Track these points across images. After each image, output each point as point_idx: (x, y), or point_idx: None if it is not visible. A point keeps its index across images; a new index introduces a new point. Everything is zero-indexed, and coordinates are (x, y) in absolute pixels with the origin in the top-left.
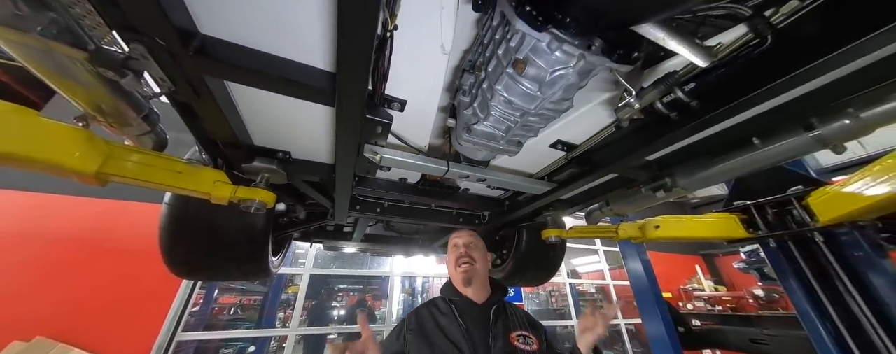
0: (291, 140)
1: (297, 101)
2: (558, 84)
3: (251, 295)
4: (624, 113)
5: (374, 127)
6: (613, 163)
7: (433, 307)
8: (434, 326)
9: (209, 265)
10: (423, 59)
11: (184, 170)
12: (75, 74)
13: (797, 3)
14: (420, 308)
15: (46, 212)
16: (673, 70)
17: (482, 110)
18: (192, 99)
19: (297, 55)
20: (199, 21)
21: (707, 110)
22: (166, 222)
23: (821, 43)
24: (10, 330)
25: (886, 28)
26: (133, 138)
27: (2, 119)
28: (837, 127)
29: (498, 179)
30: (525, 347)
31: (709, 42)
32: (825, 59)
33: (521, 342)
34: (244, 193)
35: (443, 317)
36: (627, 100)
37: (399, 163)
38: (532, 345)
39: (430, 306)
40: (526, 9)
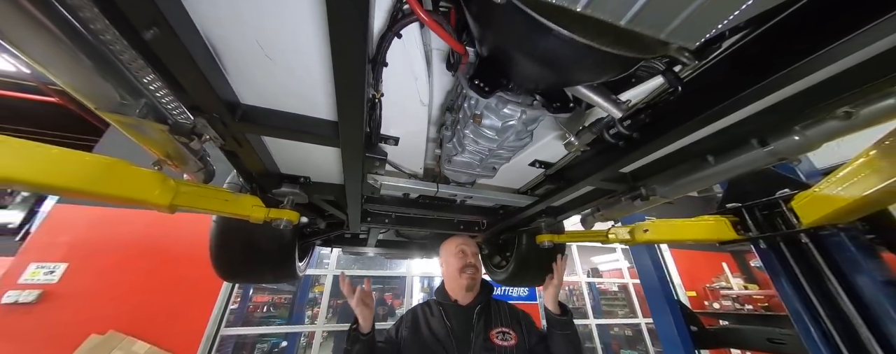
0: (310, 167)
1: (326, 150)
2: (510, 131)
3: (281, 294)
4: (570, 148)
5: (373, 161)
6: (582, 179)
7: (426, 308)
8: (425, 325)
9: (248, 270)
10: (408, 109)
11: (230, 199)
12: (155, 135)
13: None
14: (416, 308)
15: (109, 223)
16: (600, 115)
17: (459, 145)
18: (237, 148)
19: (311, 112)
20: (240, 95)
21: (645, 140)
22: (214, 235)
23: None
24: (89, 325)
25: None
26: (191, 173)
27: (106, 169)
28: (788, 142)
29: (483, 196)
30: (503, 343)
31: (634, 90)
32: (732, 100)
33: (500, 338)
34: (275, 214)
35: (433, 318)
36: (569, 138)
37: (397, 188)
38: (510, 340)
39: (424, 307)
40: (475, 82)
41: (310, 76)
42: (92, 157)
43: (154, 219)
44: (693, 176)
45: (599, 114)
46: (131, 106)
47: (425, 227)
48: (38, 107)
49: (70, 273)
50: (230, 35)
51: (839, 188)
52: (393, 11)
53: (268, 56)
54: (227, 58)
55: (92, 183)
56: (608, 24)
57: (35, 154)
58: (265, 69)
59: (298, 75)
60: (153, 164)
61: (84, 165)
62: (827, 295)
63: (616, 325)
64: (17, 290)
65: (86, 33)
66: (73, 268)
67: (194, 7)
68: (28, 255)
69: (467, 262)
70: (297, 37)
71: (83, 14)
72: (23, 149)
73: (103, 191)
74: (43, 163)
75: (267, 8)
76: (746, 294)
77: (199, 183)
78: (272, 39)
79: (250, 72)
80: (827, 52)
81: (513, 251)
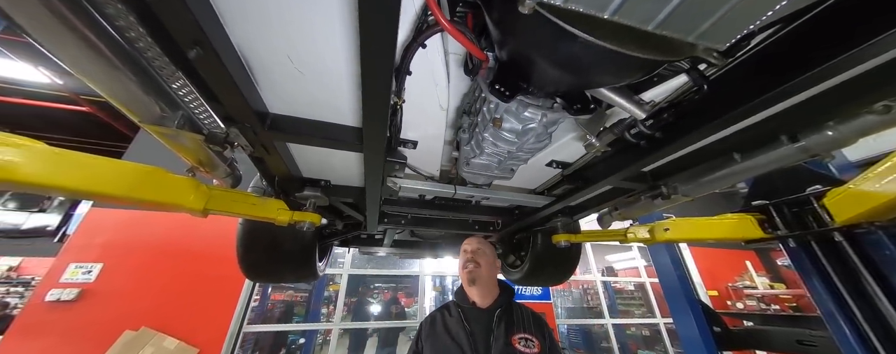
0: (330, 170)
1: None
2: (530, 133)
3: (298, 292)
4: (590, 149)
5: (392, 165)
6: (601, 179)
7: (445, 311)
8: (443, 329)
9: (271, 269)
10: (427, 114)
11: (256, 203)
12: (189, 144)
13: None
14: (434, 312)
15: (138, 225)
16: (622, 116)
17: (477, 147)
18: (264, 155)
19: (335, 119)
20: (270, 105)
21: (668, 140)
22: (240, 236)
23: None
24: (123, 321)
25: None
26: (220, 179)
27: (145, 177)
28: (820, 138)
29: (500, 197)
30: (525, 350)
31: (656, 89)
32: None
33: (523, 345)
34: (299, 216)
35: (451, 320)
36: (590, 140)
37: (415, 190)
38: (533, 348)
39: (443, 310)
40: (495, 87)
41: (337, 86)
42: (132, 166)
43: (179, 221)
44: (717, 173)
45: (621, 115)
46: (170, 118)
47: (440, 228)
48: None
49: (105, 272)
50: (263, 51)
51: (878, 184)
52: (418, 23)
53: (298, 69)
54: (259, 71)
55: (132, 189)
56: (635, 30)
57: (84, 164)
58: (294, 80)
59: (326, 85)
60: (187, 171)
61: (125, 173)
62: (863, 296)
63: (632, 325)
64: (58, 289)
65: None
66: (107, 268)
67: (232, 28)
68: (68, 256)
69: (467, 258)
70: (326, 51)
71: (129, 34)
72: (74, 159)
73: (143, 197)
74: (90, 173)
75: (299, 26)
76: (772, 293)
77: (228, 188)
78: (302, 54)
79: (280, 84)
80: (868, 46)
81: (527, 250)
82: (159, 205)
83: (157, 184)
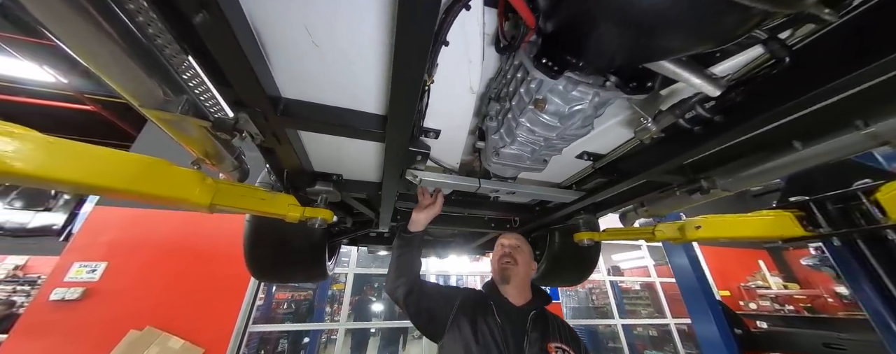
0: (343, 164)
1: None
2: (576, 116)
3: (302, 291)
4: (643, 134)
5: (414, 155)
6: (640, 171)
7: (479, 297)
8: (482, 313)
9: (279, 269)
10: (455, 98)
11: (266, 198)
12: (194, 133)
13: (813, 26)
14: (470, 292)
15: (143, 224)
16: (688, 95)
17: (508, 135)
18: (275, 145)
19: (355, 105)
20: (282, 88)
21: (730, 124)
22: (247, 234)
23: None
24: (128, 321)
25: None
26: (226, 172)
27: (147, 168)
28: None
29: (526, 191)
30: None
31: (719, 66)
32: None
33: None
34: (310, 212)
35: (484, 311)
36: (645, 124)
37: (435, 184)
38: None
39: (477, 296)
40: (542, 61)
41: (359, 63)
42: (134, 157)
43: (184, 219)
44: (767, 165)
45: (678, 96)
46: (174, 102)
47: (456, 225)
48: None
49: (110, 271)
50: (277, 18)
51: None
52: None
53: (315, 43)
54: (272, 45)
55: (134, 182)
56: None
57: (81, 154)
58: (311, 58)
59: (346, 63)
60: (192, 163)
61: (126, 165)
62: None
63: (640, 325)
64: (63, 288)
65: (132, 27)
66: (112, 267)
67: None
68: (72, 255)
69: (503, 252)
70: (351, 17)
71: (129, 6)
72: (71, 149)
73: (145, 191)
74: (88, 164)
75: None
76: (786, 293)
77: (236, 183)
78: (322, 22)
79: (295, 62)
80: None
81: (544, 250)
82: (163, 200)
83: (160, 177)
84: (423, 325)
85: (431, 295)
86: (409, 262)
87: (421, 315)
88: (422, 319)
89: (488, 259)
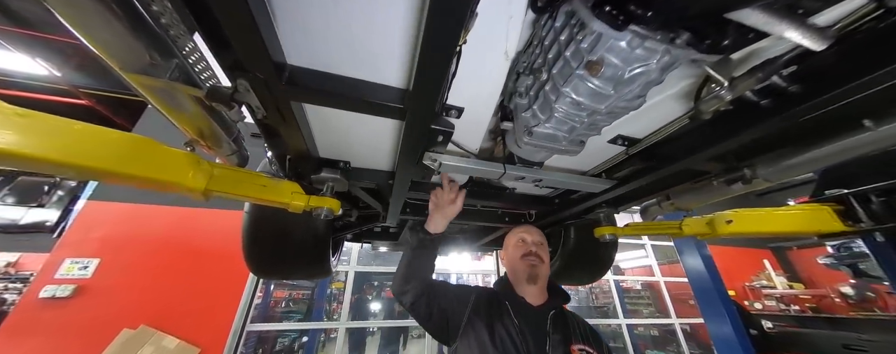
0: (351, 150)
1: (363, 118)
2: (636, 81)
3: (300, 289)
4: (709, 105)
5: (436, 136)
6: (683, 157)
7: (494, 297)
8: (498, 314)
9: (281, 264)
10: (485, 67)
11: (268, 184)
12: (187, 108)
13: None
14: (483, 290)
15: (138, 219)
16: (776, 54)
17: (543, 112)
18: (279, 123)
19: (372, 76)
20: (288, 53)
21: (809, 95)
22: (246, 226)
23: None
24: (121, 319)
25: None
26: (223, 157)
27: (133, 147)
28: None
29: (554, 179)
30: None
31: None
32: None
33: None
34: (316, 202)
35: (499, 311)
36: (716, 91)
37: (457, 169)
38: None
39: (491, 295)
40: (605, 9)
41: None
42: (117, 134)
43: (181, 215)
44: (823, 149)
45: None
46: (162, 68)
47: (467, 219)
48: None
49: (103, 268)
50: None
51: None
52: None
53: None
54: None
55: (118, 162)
56: None
57: (57, 130)
58: (325, 14)
59: (367, 20)
60: (185, 145)
61: (109, 143)
62: None
63: (643, 325)
64: (53, 285)
65: None
66: (105, 264)
67: None
68: (63, 251)
69: (529, 250)
70: None
71: None
72: (46, 123)
73: (129, 172)
74: (64, 141)
75: None
76: (792, 293)
77: (235, 167)
78: None
79: (305, 19)
80: None
81: (558, 246)
82: (151, 182)
83: (148, 157)
84: (434, 328)
85: (444, 294)
86: (424, 266)
87: (432, 318)
88: (433, 322)
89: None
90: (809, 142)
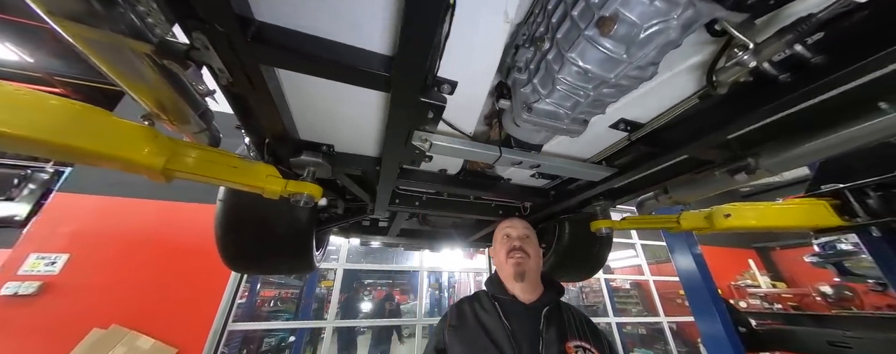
0: (335, 133)
1: (345, 92)
2: (653, 42)
3: (289, 288)
4: (729, 75)
5: (426, 111)
6: (689, 142)
7: (476, 302)
8: (476, 324)
9: (260, 258)
10: (481, 32)
11: (239, 165)
12: (143, 73)
13: None
14: (462, 302)
15: (113, 213)
16: (808, 12)
17: (544, 86)
18: (248, 91)
19: (353, 39)
20: (255, 7)
21: (833, 67)
22: (220, 216)
23: None
24: (92, 318)
25: None
26: (191, 135)
27: (77, 117)
28: None
29: (553, 165)
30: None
31: None
32: None
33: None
34: (294, 187)
35: (486, 315)
36: (738, 57)
37: (449, 150)
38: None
39: (473, 301)
40: None
41: None
42: (59, 101)
43: (160, 208)
44: (834, 137)
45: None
46: (101, 16)
47: (459, 212)
48: None
49: (72, 264)
50: None
51: None
52: None
53: None
54: None
55: (56, 132)
56: None
57: None
58: None
59: None
60: (142, 118)
61: (47, 110)
62: None
63: (631, 323)
64: (16, 281)
65: None
66: (75, 259)
67: None
68: (28, 245)
69: (513, 246)
70: None
71: None
72: None
73: (72, 144)
74: None
75: None
76: (775, 292)
77: (201, 145)
78: None
79: None
80: None
81: (552, 242)
82: (99, 158)
83: (95, 129)
84: None
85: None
86: None
87: None
88: None
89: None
90: (818, 128)
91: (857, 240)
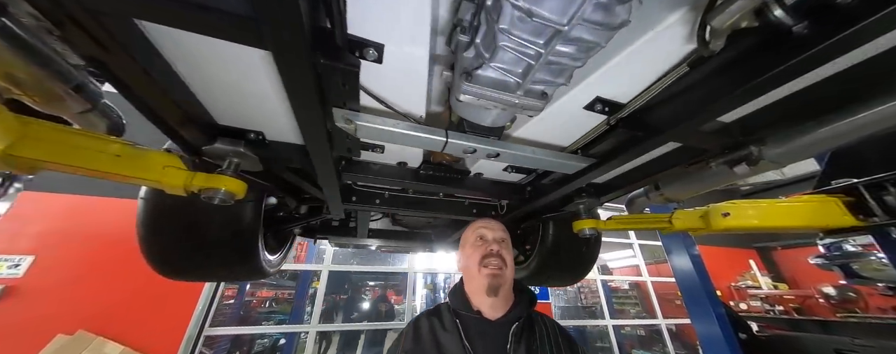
0: (265, 118)
1: (228, 53)
2: None
3: (284, 289)
4: (728, 17)
5: (335, 79)
6: (680, 123)
7: (436, 318)
8: (433, 346)
9: (192, 264)
10: None
11: (123, 153)
12: None
13: None
14: (421, 317)
15: (83, 213)
16: None
17: (487, 46)
18: (97, 52)
19: None
20: None
21: (872, 9)
22: (142, 216)
23: None
24: (56, 324)
25: None
26: (74, 117)
27: None
28: None
29: (514, 153)
30: None
31: None
32: None
33: None
34: (202, 181)
35: (445, 335)
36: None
37: (379, 133)
38: None
39: (431, 316)
40: None
41: None
42: None
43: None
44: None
45: None
46: None
47: (429, 210)
48: None
49: (37, 266)
50: None
51: None
52: None
53: None
54: None
55: None
56: None
57: None
58: None
59: None
60: None
61: None
62: None
63: (629, 325)
64: None
65: None
66: (41, 261)
67: None
68: None
69: (490, 251)
70: None
71: None
72: None
73: None
74: None
75: None
76: (777, 294)
77: (66, 127)
78: None
79: None
80: None
81: (535, 243)
82: None
83: None
84: None
85: None
86: None
87: None
88: None
89: None
90: (840, 105)
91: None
